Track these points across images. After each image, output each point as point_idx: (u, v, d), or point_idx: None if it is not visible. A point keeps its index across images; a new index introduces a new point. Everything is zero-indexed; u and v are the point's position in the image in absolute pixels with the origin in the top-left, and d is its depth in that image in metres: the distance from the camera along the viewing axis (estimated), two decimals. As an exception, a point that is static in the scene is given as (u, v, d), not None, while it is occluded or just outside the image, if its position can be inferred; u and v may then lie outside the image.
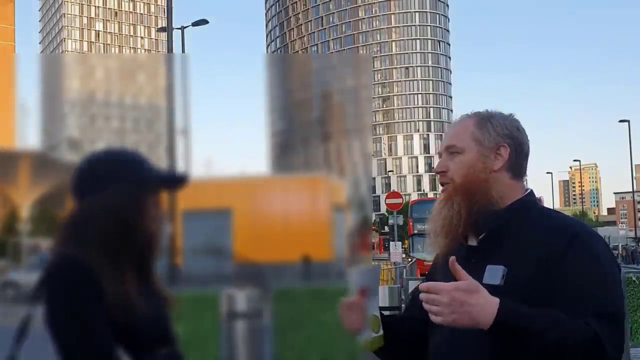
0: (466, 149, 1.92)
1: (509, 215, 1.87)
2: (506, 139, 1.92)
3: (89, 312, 1.66)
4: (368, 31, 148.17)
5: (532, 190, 1.96)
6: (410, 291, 7.32)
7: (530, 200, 1.93)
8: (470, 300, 1.63)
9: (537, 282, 1.74)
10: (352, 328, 1.94)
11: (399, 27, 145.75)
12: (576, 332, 1.63)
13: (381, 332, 1.94)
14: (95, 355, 1.65)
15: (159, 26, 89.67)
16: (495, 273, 1.75)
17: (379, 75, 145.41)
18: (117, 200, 1.78)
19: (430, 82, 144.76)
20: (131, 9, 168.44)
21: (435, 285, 1.66)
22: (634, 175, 60.94)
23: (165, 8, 22.58)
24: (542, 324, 1.63)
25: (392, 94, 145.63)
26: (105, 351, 1.67)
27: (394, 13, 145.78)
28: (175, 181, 1.89)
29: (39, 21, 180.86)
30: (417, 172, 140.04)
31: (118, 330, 1.70)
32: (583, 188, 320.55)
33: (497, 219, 1.87)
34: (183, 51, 27.61)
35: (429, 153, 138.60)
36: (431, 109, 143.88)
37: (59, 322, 1.66)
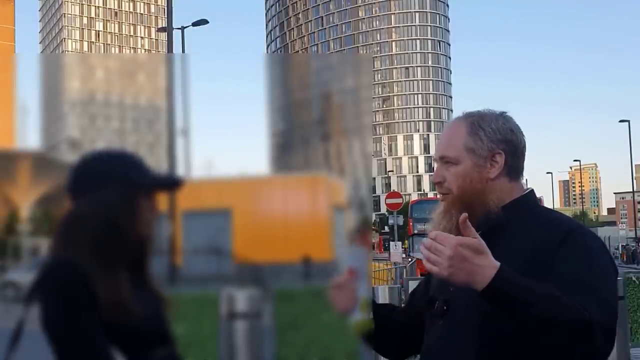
0: (460, 159, 1.88)
1: (503, 215, 1.86)
2: (500, 145, 1.88)
3: (83, 313, 1.66)
4: (368, 31, 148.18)
5: (532, 190, 1.94)
6: (410, 291, 7.31)
7: (526, 200, 1.91)
8: (473, 259, 1.61)
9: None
10: (342, 308, 1.95)
11: (399, 27, 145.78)
12: (569, 311, 1.60)
13: (370, 316, 1.95)
14: (89, 355, 1.66)
15: (159, 26, 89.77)
16: None
17: (379, 75, 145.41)
18: (108, 201, 1.78)
19: (430, 82, 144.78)
20: (131, 9, 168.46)
21: (443, 236, 1.65)
22: (634, 175, 60.92)
23: (165, 8, 22.59)
24: (535, 296, 1.61)
25: (392, 94, 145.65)
26: (100, 352, 1.67)
27: (394, 13, 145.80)
28: (170, 184, 1.89)
29: (39, 21, 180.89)
30: (417, 172, 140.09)
31: (114, 332, 1.70)
32: (583, 188, 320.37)
33: (492, 219, 1.87)
34: (183, 51, 27.61)
35: (429, 153, 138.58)
36: (431, 109, 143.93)
37: (52, 322, 1.67)
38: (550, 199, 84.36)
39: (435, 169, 1.97)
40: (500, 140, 1.89)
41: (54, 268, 1.72)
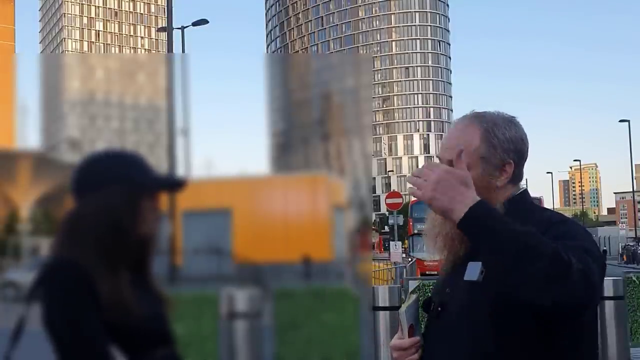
0: (471, 165, 1.85)
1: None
2: (511, 154, 1.87)
3: (84, 313, 1.67)
4: (368, 31, 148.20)
5: (525, 189, 1.94)
6: (410, 290, 7.31)
7: (520, 199, 1.90)
8: (458, 188, 1.66)
9: None
10: None
11: (399, 27, 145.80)
12: (546, 245, 1.57)
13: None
14: (90, 354, 1.67)
15: (159, 26, 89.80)
16: (474, 269, 1.73)
17: (379, 75, 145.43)
18: (111, 202, 1.79)
19: (430, 82, 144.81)
20: (131, 9, 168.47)
21: (434, 164, 1.71)
22: (634, 175, 60.92)
23: (165, 8, 22.59)
24: (512, 227, 1.60)
25: (392, 94, 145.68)
26: (101, 351, 1.68)
27: (394, 13, 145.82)
28: (173, 184, 1.90)
29: (39, 21, 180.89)
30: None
31: (115, 331, 1.71)
32: (583, 188, 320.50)
33: None
34: (183, 51, 27.61)
35: (429, 153, 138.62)
36: (431, 109, 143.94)
37: (54, 322, 1.68)
38: (550, 199, 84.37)
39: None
40: (511, 150, 1.88)
41: (56, 267, 1.73)
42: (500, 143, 1.87)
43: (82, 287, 1.69)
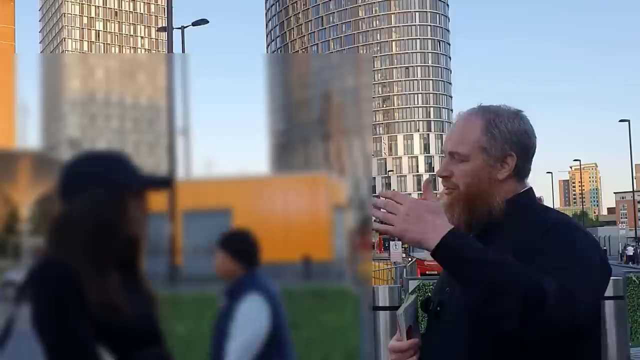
0: (471, 157, 1.85)
1: (500, 212, 1.84)
2: (514, 147, 1.85)
3: (71, 312, 1.68)
4: (368, 31, 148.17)
5: (530, 188, 1.92)
6: (410, 291, 7.30)
7: (522, 197, 1.88)
8: (427, 217, 1.65)
9: None
10: None
11: (399, 26, 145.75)
12: (521, 275, 1.57)
13: None
14: (79, 355, 1.67)
15: (159, 26, 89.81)
16: None
17: (379, 75, 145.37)
18: (97, 202, 1.79)
19: (431, 81, 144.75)
20: (131, 9, 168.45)
21: (401, 195, 1.69)
22: (634, 175, 60.89)
23: (165, 8, 22.57)
24: (486, 258, 1.60)
25: (392, 94, 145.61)
26: (89, 351, 1.68)
27: (394, 13, 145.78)
28: (159, 183, 1.89)
29: (39, 21, 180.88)
30: (417, 171, 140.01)
31: (104, 331, 1.71)
32: (583, 188, 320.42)
33: (489, 217, 1.84)
34: (183, 51, 27.61)
35: (429, 153, 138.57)
36: (431, 109, 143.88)
37: (42, 322, 1.68)
38: (550, 198, 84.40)
39: (443, 162, 1.93)
40: (514, 142, 1.86)
41: (43, 268, 1.73)
42: (502, 134, 1.85)
43: (70, 287, 1.69)
